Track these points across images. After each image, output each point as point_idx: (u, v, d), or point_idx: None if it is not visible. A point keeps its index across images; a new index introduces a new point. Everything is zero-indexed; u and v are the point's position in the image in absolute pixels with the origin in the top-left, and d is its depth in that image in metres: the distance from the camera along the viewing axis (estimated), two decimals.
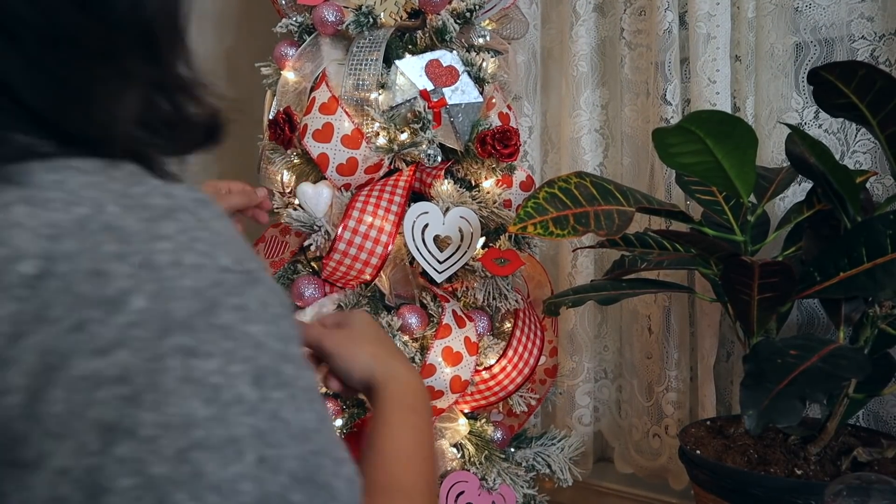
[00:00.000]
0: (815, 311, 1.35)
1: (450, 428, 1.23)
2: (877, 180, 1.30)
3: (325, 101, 1.20)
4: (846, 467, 1.00)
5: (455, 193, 1.21)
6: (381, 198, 1.18)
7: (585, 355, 1.61)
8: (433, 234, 1.18)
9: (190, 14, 0.40)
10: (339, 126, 1.18)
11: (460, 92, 1.21)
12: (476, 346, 1.18)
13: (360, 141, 1.19)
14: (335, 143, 1.18)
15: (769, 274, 0.92)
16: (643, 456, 1.56)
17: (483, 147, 1.20)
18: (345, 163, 1.19)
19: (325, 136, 1.19)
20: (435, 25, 1.22)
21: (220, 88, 0.42)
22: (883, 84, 0.88)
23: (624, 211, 0.96)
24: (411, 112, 1.19)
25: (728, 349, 1.46)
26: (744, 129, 0.92)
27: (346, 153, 1.18)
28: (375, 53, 1.20)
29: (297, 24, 1.28)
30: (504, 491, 1.22)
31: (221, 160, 1.85)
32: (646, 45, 1.54)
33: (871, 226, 0.93)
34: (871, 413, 1.31)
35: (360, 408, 1.25)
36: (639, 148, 1.57)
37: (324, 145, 1.19)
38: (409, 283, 1.22)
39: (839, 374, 0.85)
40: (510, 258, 1.18)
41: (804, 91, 1.36)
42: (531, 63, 1.69)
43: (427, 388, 1.13)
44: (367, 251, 1.16)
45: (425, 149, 1.18)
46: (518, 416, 1.34)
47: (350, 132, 1.18)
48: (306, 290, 1.22)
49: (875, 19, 1.30)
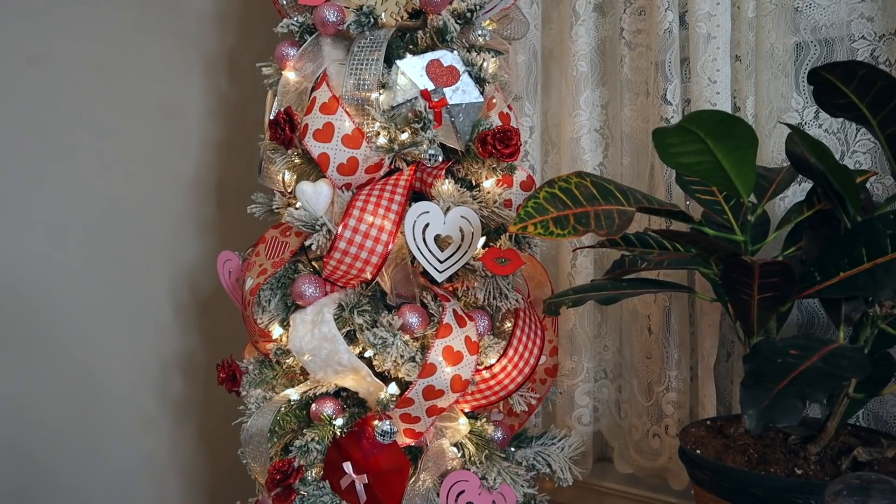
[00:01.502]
0: (815, 311, 1.35)
1: (450, 427, 1.23)
2: (877, 180, 1.30)
3: (325, 101, 1.20)
4: (846, 467, 1.00)
5: (456, 193, 1.21)
6: (381, 197, 1.18)
7: (585, 355, 1.61)
8: (434, 233, 1.18)
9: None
10: (339, 126, 1.19)
11: (461, 92, 1.21)
12: (476, 346, 1.18)
13: (360, 141, 1.19)
14: (336, 143, 1.18)
15: (769, 274, 0.92)
16: (643, 456, 1.56)
17: (484, 147, 1.20)
18: (345, 162, 1.19)
19: (326, 135, 1.19)
20: (436, 25, 1.22)
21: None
22: (883, 84, 0.88)
23: (624, 211, 0.96)
24: (412, 112, 1.19)
25: (728, 349, 1.46)
26: (744, 129, 0.92)
27: (346, 153, 1.19)
28: (377, 53, 1.20)
29: (298, 25, 1.28)
30: (504, 490, 1.22)
31: (224, 161, 1.85)
32: (646, 44, 1.54)
33: (871, 226, 0.93)
34: (871, 413, 1.31)
35: (360, 407, 1.25)
36: (639, 148, 1.57)
37: (324, 145, 1.19)
38: (410, 282, 1.22)
39: (839, 374, 0.85)
40: (511, 258, 1.18)
41: (804, 91, 1.37)
42: (532, 63, 1.70)
43: (428, 387, 1.13)
44: (367, 250, 1.16)
45: (426, 148, 1.18)
46: (518, 416, 1.34)
47: (351, 132, 1.19)
48: (307, 290, 1.22)
49: (875, 19, 1.30)
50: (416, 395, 1.14)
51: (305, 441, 1.20)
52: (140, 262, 1.71)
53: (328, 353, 1.18)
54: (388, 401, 1.17)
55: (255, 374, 1.33)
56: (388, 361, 1.17)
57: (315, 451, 1.19)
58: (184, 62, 1.80)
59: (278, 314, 1.27)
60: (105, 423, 1.65)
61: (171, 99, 1.77)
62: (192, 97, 1.82)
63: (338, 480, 1.19)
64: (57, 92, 1.58)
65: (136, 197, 1.71)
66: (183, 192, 1.80)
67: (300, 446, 1.20)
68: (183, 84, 1.80)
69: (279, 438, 1.27)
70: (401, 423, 1.18)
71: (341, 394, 1.28)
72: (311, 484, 1.20)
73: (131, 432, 1.69)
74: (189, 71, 1.81)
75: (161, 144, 1.76)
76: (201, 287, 1.81)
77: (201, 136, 1.83)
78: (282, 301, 1.27)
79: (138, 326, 1.71)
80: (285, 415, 1.27)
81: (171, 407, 1.77)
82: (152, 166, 1.74)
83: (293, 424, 1.27)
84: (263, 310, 1.28)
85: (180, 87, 1.80)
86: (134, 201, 1.70)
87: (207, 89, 1.84)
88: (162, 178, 1.76)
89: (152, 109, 1.74)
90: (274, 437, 1.26)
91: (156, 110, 1.74)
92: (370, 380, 1.19)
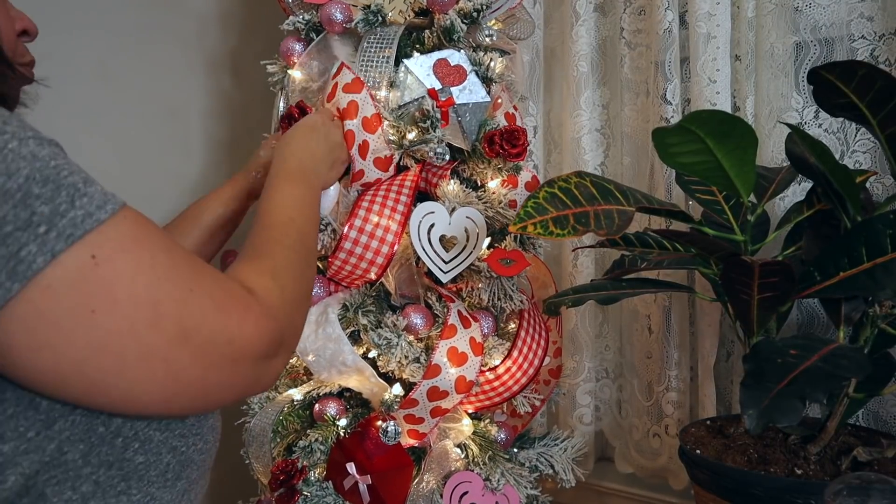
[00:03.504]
0: (815, 311, 1.35)
1: (454, 428, 1.23)
2: (877, 180, 1.30)
3: (348, 82, 1.17)
4: (846, 467, 1.00)
5: (461, 193, 1.20)
6: (387, 197, 1.17)
7: (586, 355, 1.62)
8: (439, 233, 1.18)
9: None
10: (363, 105, 1.15)
11: (468, 91, 1.21)
12: (481, 347, 1.18)
13: (376, 127, 1.16)
14: (357, 122, 1.15)
15: (769, 274, 0.92)
16: (643, 455, 1.56)
17: (491, 146, 1.20)
18: (361, 144, 1.16)
19: (351, 113, 1.15)
20: (443, 25, 1.22)
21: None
22: (883, 84, 0.89)
23: (624, 210, 0.96)
24: (419, 111, 1.19)
25: (728, 349, 1.47)
26: (744, 128, 0.92)
27: (362, 134, 1.16)
28: (388, 51, 1.19)
29: (303, 22, 1.27)
30: (508, 491, 1.22)
31: (226, 161, 1.85)
32: (646, 44, 1.54)
33: (871, 225, 0.93)
34: (871, 413, 1.31)
35: (364, 407, 1.25)
36: (639, 147, 1.57)
37: (349, 122, 1.15)
38: (415, 282, 1.22)
39: (839, 374, 0.85)
40: (516, 259, 1.18)
41: (804, 91, 1.37)
42: (535, 63, 1.70)
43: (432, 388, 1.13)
44: (372, 250, 1.16)
45: (434, 146, 1.18)
46: (522, 417, 1.34)
47: (370, 115, 1.16)
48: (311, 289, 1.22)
49: (875, 19, 1.30)
50: (420, 395, 1.14)
51: (309, 441, 1.20)
52: None
53: (332, 353, 1.18)
54: (392, 401, 1.17)
55: None
56: (392, 362, 1.17)
57: (319, 451, 1.20)
58: (185, 62, 1.81)
59: None
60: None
61: (172, 99, 1.77)
62: (193, 97, 1.82)
63: (341, 481, 1.19)
64: (57, 92, 1.58)
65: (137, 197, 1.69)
66: (184, 192, 1.80)
67: (304, 446, 1.20)
68: (184, 84, 1.80)
69: (282, 438, 1.28)
70: (405, 423, 1.18)
71: (345, 394, 1.28)
72: (315, 484, 1.20)
73: None
74: (191, 71, 1.82)
75: (163, 144, 1.76)
76: None
77: (203, 136, 1.84)
78: None
79: None
80: (288, 415, 1.27)
81: None
82: (154, 166, 1.74)
83: (296, 424, 1.27)
84: None
85: (182, 86, 1.80)
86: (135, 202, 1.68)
87: (209, 89, 1.84)
88: (164, 178, 1.76)
89: (154, 109, 1.74)
90: (277, 438, 1.27)
91: (157, 110, 1.75)
92: (374, 380, 1.19)
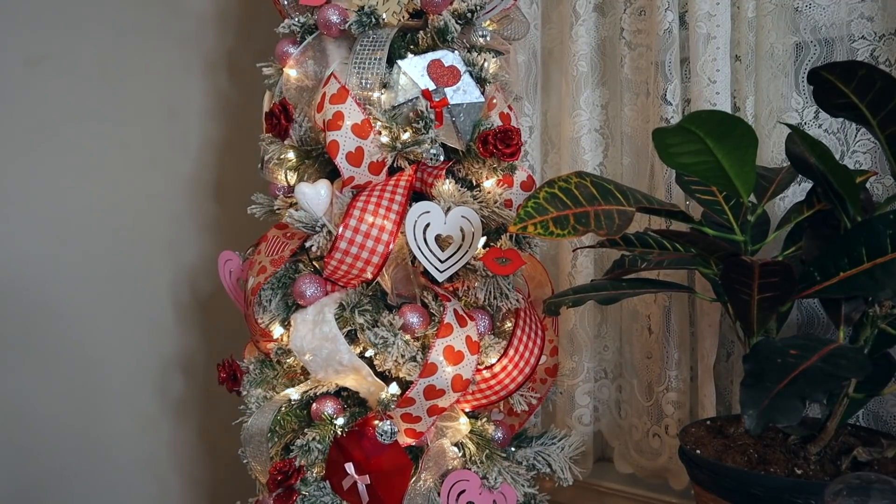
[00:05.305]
0: (815, 311, 1.35)
1: (451, 427, 1.23)
2: (877, 180, 1.30)
3: (334, 93, 1.20)
4: (846, 467, 1.00)
5: (456, 193, 1.21)
6: (382, 197, 1.18)
7: (585, 355, 1.61)
8: (435, 233, 1.18)
9: None
10: (349, 114, 1.18)
11: (462, 92, 1.21)
12: (477, 346, 1.18)
13: (368, 132, 1.19)
14: (345, 131, 1.18)
15: (769, 274, 0.92)
16: (643, 456, 1.56)
17: (485, 146, 1.21)
18: (353, 151, 1.18)
19: (336, 124, 1.18)
20: (437, 26, 1.23)
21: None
22: (883, 84, 0.88)
23: (624, 211, 0.96)
24: (413, 111, 1.19)
25: (728, 349, 1.47)
26: (744, 128, 0.92)
27: (355, 141, 1.18)
28: (379, 52, 1.20)
29: (299, 25, 1.28)
30: (505, 490, 1.22)
31: (224, 161, 1.85)
32: (646, 45, 1.54)
33: (871, 226, 0.93)
34: (871, 413, 1.31)
35: (361, 406, 1.25)
36: (639, 148, 1.57)
37: (334, 133, 1.18)
38: (411, 282, 1.22)
39: (839, 374, 0.85)
40: (511, 258, 1.18)
41: (804, 91, 1.37)
42: (531, 63, 1.70)
43: (429, 386, 1.13)
44: (368, 250, 1.16)
45: (428, 147, 1.18)
46: (519, 416, 1.34)
47: (360, 121, 1.19)
48: (308, 289, 1.22)
49: (875, 19, 1.30)
50: (417, 394, 1.14)
51: (307, 440, 1.20)
52: (141, 262, 1.71)
53: (329, 352, 1.18)
54: (389, 400, 1.17)
55: (255, 374, 1.33)
56: (389, 361, 1.17)
57: (316, 450, 1.19)
58: (183, 62, 1.80)
59: (279, 314, 1.28)
60: (105, 422, 1.65)
61: (171, 99, 1.77)
62: (191, 97, 1.82)
63: (339, 481, 1.19)
64: (57, 92, 1.58)
65: (137, 197, 1.71)
66: (183, 192, 1.80)
67: (301, 446, 1.20)
68: (183, 84, 1.80)
69: (280, 438, 1.28)
70: (402, 422, 1.18)
71: (342, 393, 1.28)
72: (313, 484, 1.20)
73: (131, 432, 1.70)
74: (189, 71, 1.81)
75: (161, 144, 1.76)
76: (201, 287, 1.81)
77: (201, 136, 1.83)
78: (283, 301, 1.28)
79: (139, 326, 1.71)
80: (286, 414, 1.27)
81: (171, 406, 1.77)
82: (152, 166, 1.74)
83: (294, 424, 1.27)
84: (264, 309, 1.28)
85: (180, 87, 1.80)
86: (134, 201, 1.70)
87: (207, 89, 1.84)
88: (162, 178, 1.76)
89: (152, 109, 1.74)
90: (274, 437, 1.27)
91: (156, 110, 1.74)
92: (371, 379, 1.19)
